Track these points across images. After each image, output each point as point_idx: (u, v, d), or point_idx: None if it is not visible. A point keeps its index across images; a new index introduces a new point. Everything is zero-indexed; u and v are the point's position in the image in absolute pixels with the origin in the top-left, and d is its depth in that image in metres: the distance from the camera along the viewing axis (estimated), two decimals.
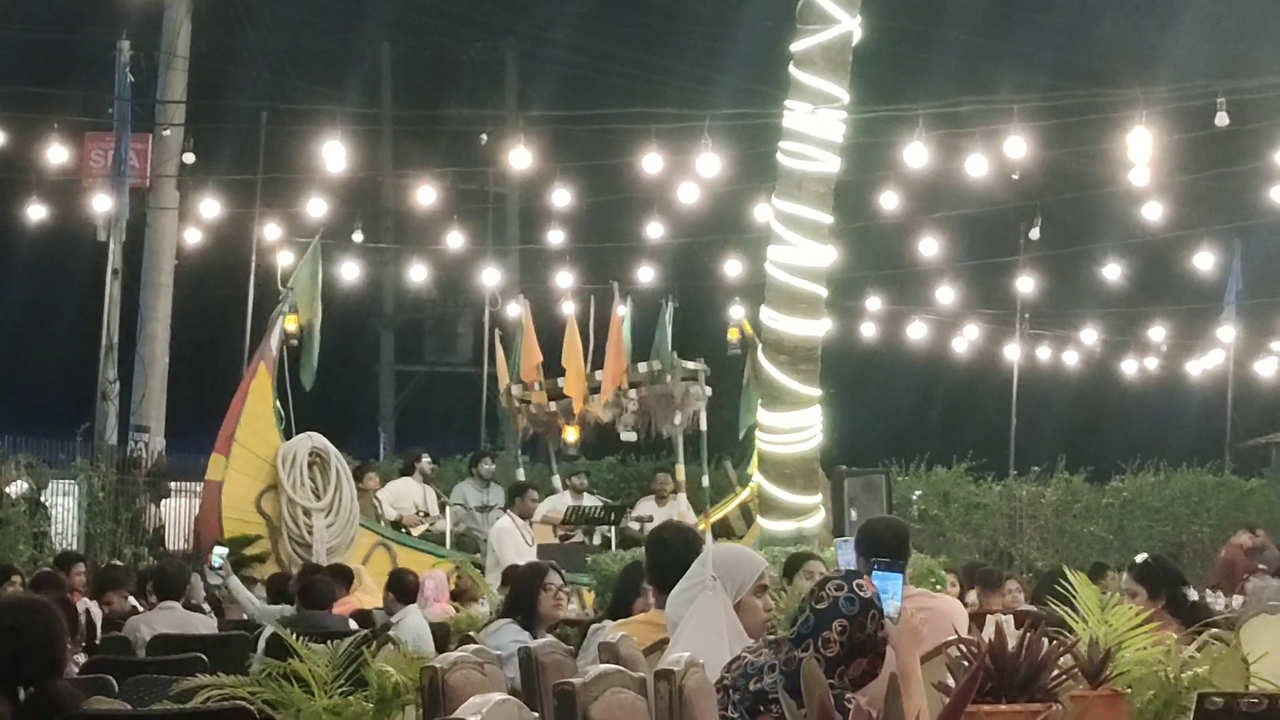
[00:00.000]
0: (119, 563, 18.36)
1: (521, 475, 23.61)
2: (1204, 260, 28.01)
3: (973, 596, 15.62)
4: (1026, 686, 5.40)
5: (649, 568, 8.76)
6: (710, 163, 21.53)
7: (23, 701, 5.98)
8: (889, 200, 24.58)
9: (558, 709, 3.86)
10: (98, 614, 12.92)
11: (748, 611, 6.76)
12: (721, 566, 6.74)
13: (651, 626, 7.94)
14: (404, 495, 22.00)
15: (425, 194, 25.39)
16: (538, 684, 6.63)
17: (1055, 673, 5.59)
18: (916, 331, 30.02)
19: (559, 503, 22.40)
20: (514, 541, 19.18)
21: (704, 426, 22.65)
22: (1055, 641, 5.93)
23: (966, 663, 5.54)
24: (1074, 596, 7.13)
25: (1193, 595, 9.74)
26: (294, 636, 6.96)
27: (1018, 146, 20.52)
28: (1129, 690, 6.70)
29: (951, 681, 5.61)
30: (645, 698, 4.45)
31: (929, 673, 8.22)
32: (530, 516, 20.15)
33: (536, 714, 3.61)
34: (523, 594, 10.07)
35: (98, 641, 12.26)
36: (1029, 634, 5.64)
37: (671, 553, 7.98)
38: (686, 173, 22.76)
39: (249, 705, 6.11)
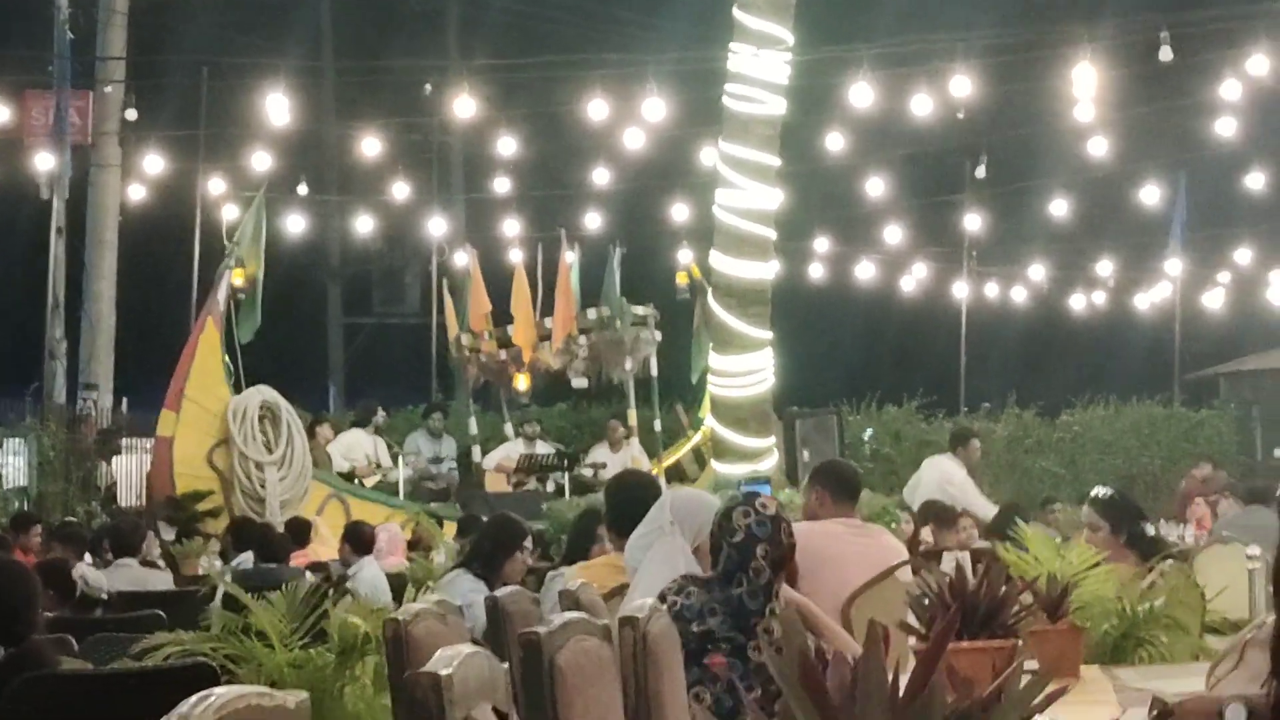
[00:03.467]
0: (71, 520, 18.26)
1: (474, 425, 23.61)
2: (1150, 194, 28.12)
3: (927, 534, 15.65)
4: (987, 623, 5.43)
5: (608, 514, 8.79)
6: (655, 107, 21.49)
7: (2, 660, 6.00)
8: (835, 142, 24.57)
9: (524, 659, 3.85)
10: (96, 576, 12.69)
11: (706, 557, 6.76)
12: (680, 512, 6.75)
13: (613, 569, 7.97)
14: (355, 447, 21.96)
15: (370, 145, 25.32)
16: (505, 633, 6.62)
17: (1015, 609, 5.62)
18: (864, 272, 30.03)
19: (512, 450, 22.41)
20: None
21: (655, 371, 22.65)
22: (1015, 578, 5.97)
23: (926, 599, 5.56)
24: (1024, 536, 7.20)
25: (1150, 530, 9.79)
26: (250, 591, 6.94)
27: (963, 85, 20.53)
28: (1088, 624, 6.76)
29: (912, 619, 5.65)
30: (610, 644, 4.44)
31: (871, 601, 8.30)
32: None
33: (506, 664, 3.59)
34: (494, 550, 10.02)
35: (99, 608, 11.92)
36: (988, 571, 5.67)
37: (631, 498, 7.99)
38: (632, 118, 22.71)
39: (210, 662, 6.09)
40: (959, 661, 4.04)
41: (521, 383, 23.19)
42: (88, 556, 14.55)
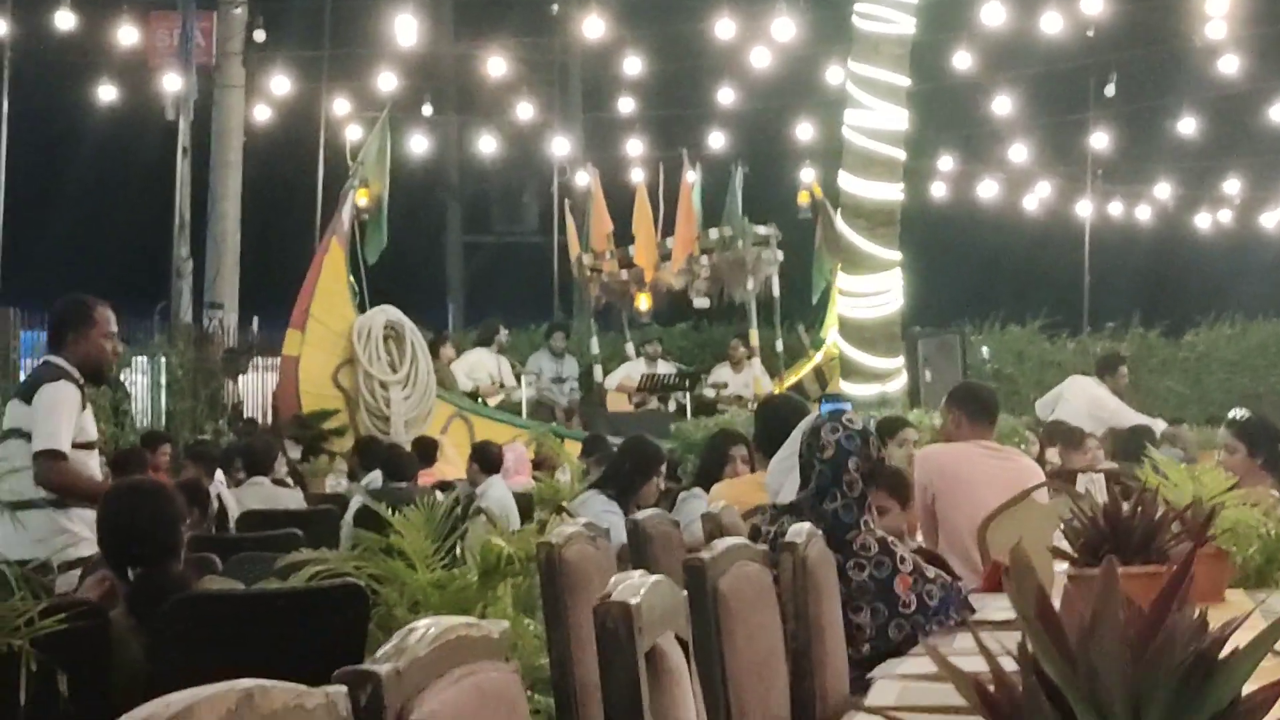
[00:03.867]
0: (206, 438, 18.42)
1: (595, 345, 23.65)
2: (1279, 112, 27.74)
3: (1053, 455, 15.55)
4: (1142, 549, 5.37)
5: (757, 435, 8.78)
6: (784, 27, 21.38)
7: (132, 582, 6.00)
8: (962, 60, 24.38)
9: (688, 584, 3.84)
10: (229, 498, 12.82)
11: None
12: None
13: (756, 487, 7.95)
14: (479, 366, 21.99)
15: (493, 65, 25.33)
16: (647, 556, 6.63)
17: (1169, 534, 5.55)
18: (988, 191, 29.78)
19: (633, 370, 22.44)
20: None
21: (776, 291, 22.61)
22: (1166, 503, 5.91)
23: (1078, 524, 5.50)
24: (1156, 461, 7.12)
25: None
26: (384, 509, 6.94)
27: (1094, 3, 20.32)
28: (1233, 549, 6.69)
29: (1063, 543, 5.60)
30: (769, 570, 4.43)
31: (1008, 523, 8.25)
32: None
33: (685, 592, 3.59)
34: (632, 472, 10.01)
35: (231, 525, 12.02)
36: (1141, 495, 5.60)
37: (778, 420, 7.95)
38: (758, 38, 22.60)
39: (358, 582, 6.11)
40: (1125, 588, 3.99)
41: (643, 302, 23.21)
42: (219, 475, 14.69)
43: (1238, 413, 9.91)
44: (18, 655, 5.08)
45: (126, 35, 23.53)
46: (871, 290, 17.10)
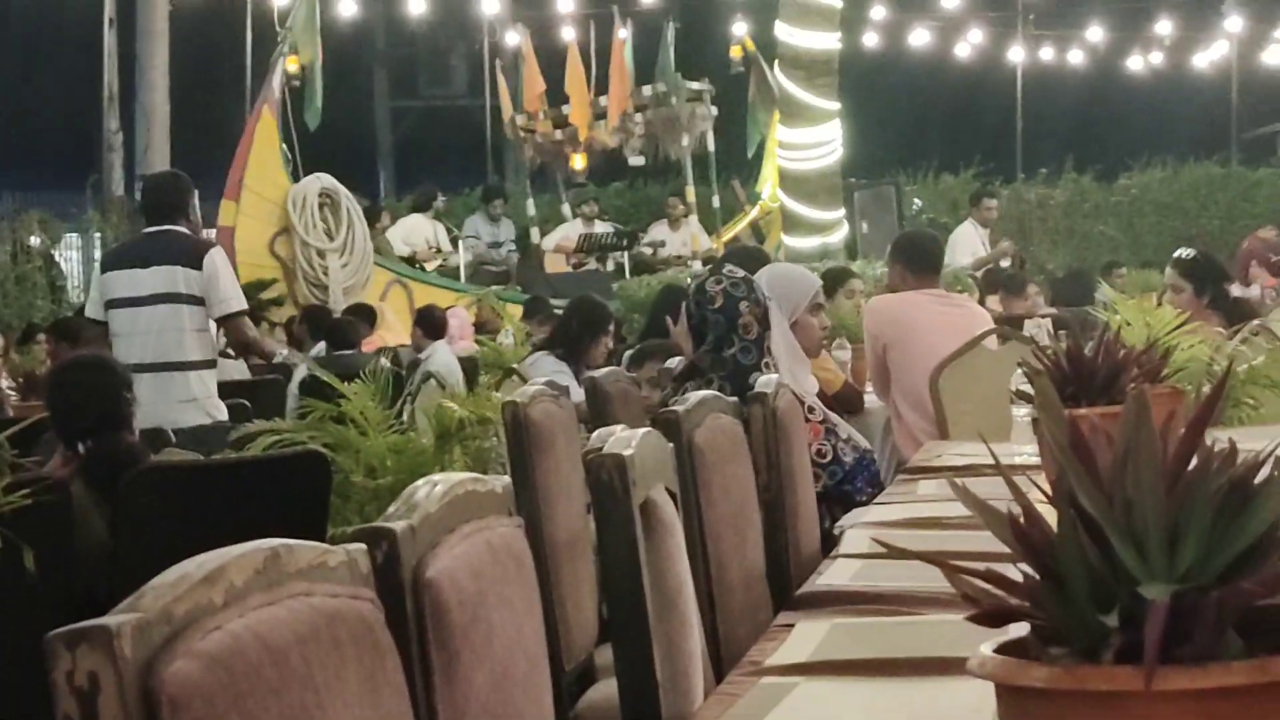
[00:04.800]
0: None
1: (531, 207, 23.57)
2: None
3: (993, 302, 15.63)
4: (1106, 389, 5.38)
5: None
6: None
7: (83, 455, 5.99)
8: None
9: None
10: None
11: (804, 330, 6.73)
12: (776, 286, 6.68)
13: None
14: (415, 231, 21.89)
15: None
16: (607, 414, 6.63)
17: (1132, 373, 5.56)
18: (918, 39, 29.65)
19: (570, 231, 22.37)
20: None
21: (711, 147, 22.55)
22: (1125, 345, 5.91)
23: (1041, 367, 5.51)
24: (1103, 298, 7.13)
25: (1235, 291, 9.74)
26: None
27: None
28: (1188, 387, 6.73)
29: (1024, 386, 5.62)
30: (739, 421, 4.43)
31: (961, 370, 8.30)
32: None
33: (671, 444, 3.58)
34: (580, 331, 10.01)
35: None
36: (1102, 336, 5.61)
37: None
38: None
39: (320, 449, 6.11)
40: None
41: (578, 162, 23.13)
42: None
43: (1184, 252, 9.94)
44: None
45: None
46: (811, 142, 17.11)
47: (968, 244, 17.86)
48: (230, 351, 15.08)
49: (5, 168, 25.70)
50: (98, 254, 20.90)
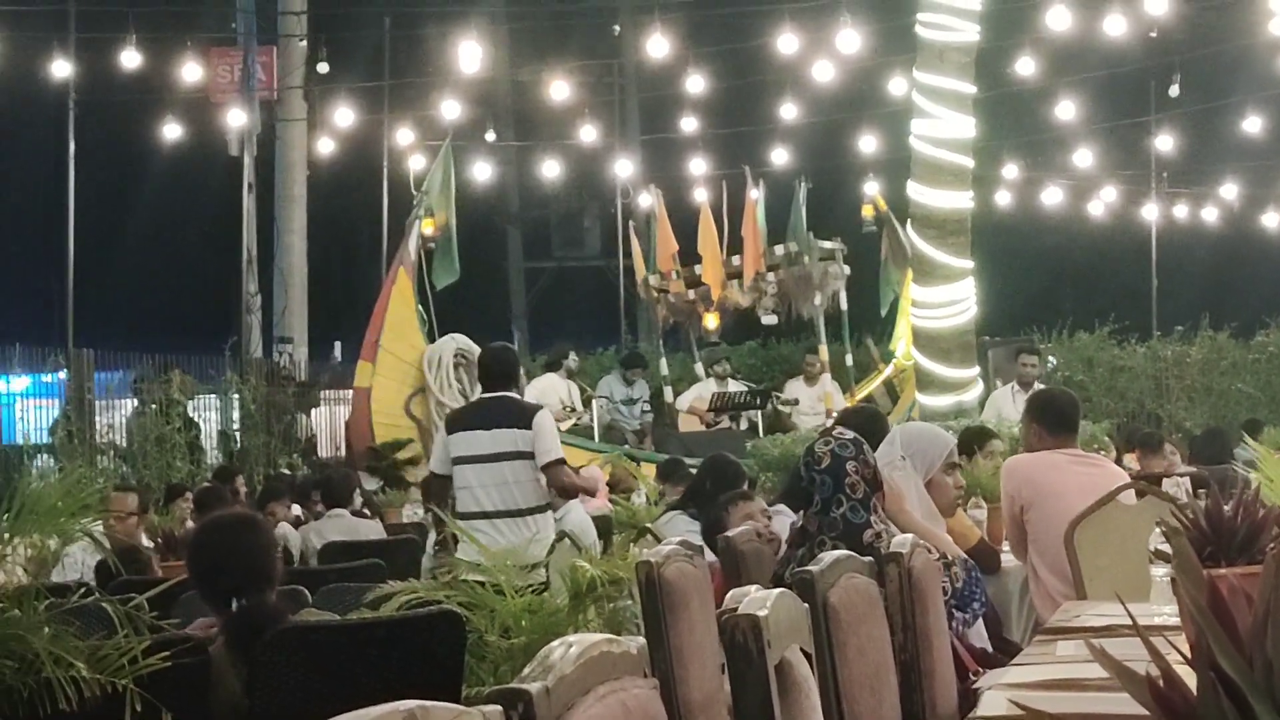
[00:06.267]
0: (285, 471, 18.48)
1: (664, 366, 23.63)
2: None
3: (1131, 460, 15.49)
4: (1245, 549, 5.32)
5: None
6: (848, 39, 21.37)
7: (234, 613, 6.01)
8: (1025, 66, 24.29)
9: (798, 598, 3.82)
10: (293, 535, 12.94)
11: (938, 489, 6.72)
12: (911, 445, 6.69)
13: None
14: (549, 391, 21.92)
15: (555, 89, 25.37)
16: (742, 573, 6.60)
17: (1274, 532, 5.49)
18: (1052, 198, 29.63)
19: (704, 390, 22.38)
20: None
21: (844, 305, 22.53)
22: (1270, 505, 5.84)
23: (1180, 526, 5.45)
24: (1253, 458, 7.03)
25: None
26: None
27: (1157, 3, 20.25)
28: None
29: (1167, 547, 5.55)
30: (875, 581, 4.41)
31: (1095, 527, 8.20)
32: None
33: (807, 605, 3.57)
34: (714, 491, 9.90)
35: (295, 560, 12.20)
36: (1244, 496, 5.55)
37: (863, 432, 7.93)
38: (819, 52, 22.58)
39: (455, 609, 6.11)
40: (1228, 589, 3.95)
41: (711, 322, 23.17)
42: (295, 508, 14.75)
43: None
44: (122, 694, 5.08)
45: (190, 72, 23.68)
46: (945, 300, 17.07)
47: (992, 410, 17.66)
48: (366, 512, 15.28)
49: (147, 329, 26.11)
50: (236, 415, 21.14)
